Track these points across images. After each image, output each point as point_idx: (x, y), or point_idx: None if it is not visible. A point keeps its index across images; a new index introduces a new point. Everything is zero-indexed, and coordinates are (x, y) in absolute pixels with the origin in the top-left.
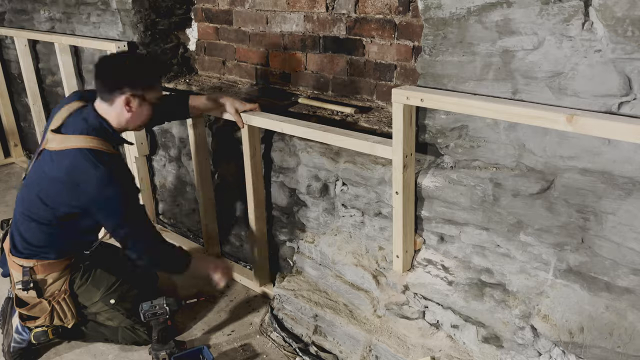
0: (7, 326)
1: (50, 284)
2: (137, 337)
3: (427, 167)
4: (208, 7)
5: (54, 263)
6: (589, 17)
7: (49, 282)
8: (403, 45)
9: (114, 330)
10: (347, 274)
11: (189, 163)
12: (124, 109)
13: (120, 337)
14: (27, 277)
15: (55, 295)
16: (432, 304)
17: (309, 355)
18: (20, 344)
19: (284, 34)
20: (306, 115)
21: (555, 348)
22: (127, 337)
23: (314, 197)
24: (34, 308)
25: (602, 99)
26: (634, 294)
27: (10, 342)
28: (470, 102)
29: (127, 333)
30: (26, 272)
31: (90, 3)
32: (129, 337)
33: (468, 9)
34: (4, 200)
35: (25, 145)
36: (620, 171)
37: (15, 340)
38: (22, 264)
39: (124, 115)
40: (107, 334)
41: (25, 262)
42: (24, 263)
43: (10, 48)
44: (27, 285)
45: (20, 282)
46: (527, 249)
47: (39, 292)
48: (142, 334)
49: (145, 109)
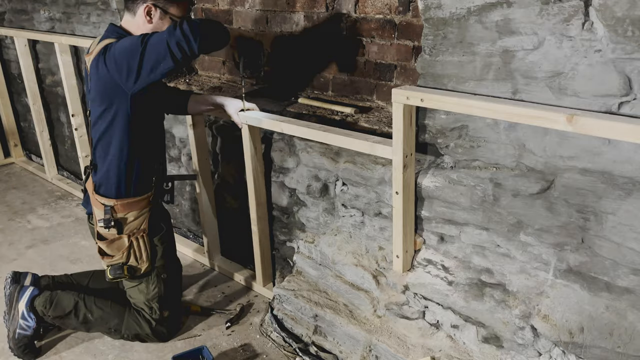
0: (14, 311)
1: (130, 221)
2: (141, 329)
3: (427, 167)
4: (208, 7)
5: (133, 202)
6: (589, 17)
7: (129, 219)
8: (403, 45)
9: (120, 318)
10: (347, 274)
11: (189, 163)
12: (145, 18)
13: (124, 327)
14: (109, 215)
15: (134, 232)
16: (432, 304)
17: (309, 355)
18: (26, 331)
19: (284, 34)
20: (306, 115)
21: (555, 348)
22: (131, 328)
23: (314, 197)
24: (113, 243)
25: (602, 99)
26: (634, 294)
27: (16, 329)
28: (470, 102)
29: (132, 324)
30: (107, 211)
31: (90, 3)
32: (132, 327)
33: (468, 9)
34: (4, 200)
35: (25, 145)
36: (620, 171)
37: (21, 326)
38: (104, 202)
39: (145, 26)
40: (112, 322)
41: (107, 201)
42: (106, 202)
43: (10, 48)
44: (108, 223)
45: (102, 219)
46: (527, 249)
47: (120, 229)
48: (146, 327)
49: (165, 24)
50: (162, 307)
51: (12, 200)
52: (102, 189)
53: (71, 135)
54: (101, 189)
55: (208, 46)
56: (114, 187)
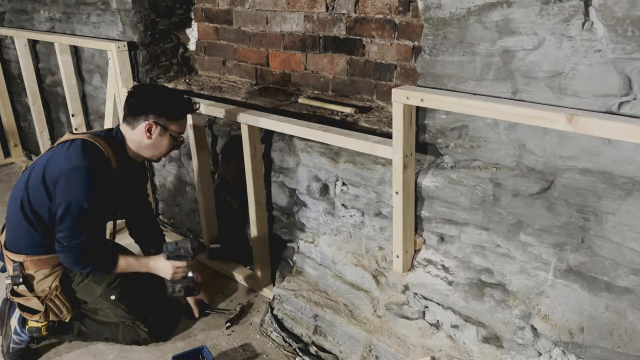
0: (6, 327)
1: (40, 279)
2: (137, 335)
3: (427, 167)
4: (208, 7)
5: (44, 259)
6: (589, 17)
7: (39, 278)
8: (403, 45)
9: (114, 330)
10: (347, 274)
11: (189, 163)
12: (144, 134)
13: (120, 335)
14: (17, 272)
15: (47, 293)
16: (432, 304)
17: (309, 355)
18: (19, 345)
19: (284, 34)
20: (306, 115)
21: (555, 348)
22: (127, 336)
23: (314, 197)
24: (29, 301)
25: (602, 99)
26: (634, 294)
27: (10, 344)
28: (470, 102)
29: (127, 331)
30: (16, 267)
31: (90, 3)
32: (129, 336)
33: (468, 9)
34: (4, 200)
35: (25, 145)
36: (620, 171)
37: (14, 341)
38: (13, 258)
39: (143, 141)
40: (107, 333)
41: (16, 257)
42: (15, 258)
43: (10, 48)
44: (16, 280)
45: (10, 277)
46: (527, 249)
47: (29, 287)
48: (142, 332)
49: (165, 140)
50: (140, 315)
51: None
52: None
53: None
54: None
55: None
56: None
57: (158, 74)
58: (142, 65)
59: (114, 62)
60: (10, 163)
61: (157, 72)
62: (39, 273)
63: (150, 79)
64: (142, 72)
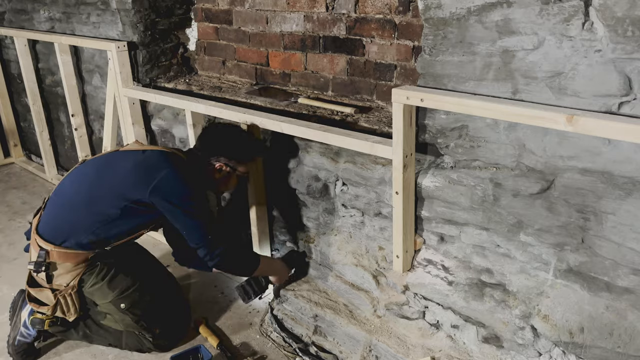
0: (16, 318)
1: (61, 273)
2: (141, 344)
3: (427, 167)
4: (208, 7)
5: (71, 253)
6: (589, 17)
7: (60, 271)
8: (403, 45)
9: (118, 336)
10: (347, 274)
11: None
12: (214, 173)
13: (124, 342)
14: (42, 259)
15: (62, 290)
16: (432, 304)
17: (309, 356)
18: (26, 339)
19: (283, 34)
20: (306, 115)
21: (555, 348)
22: (131, 343)
23: (314, 197)
24: (41, 293)
25: (602, 99)
26: (634, 294)
27: (17, 335)
28: (470, 102)
29: (131, 339)
30: (41, 255)
31: (90, 3)
32: (132, 343)
33: (468, 9)
34: (4, 200)
35: (25, 145)
36: (620, 171)
37: (22, 334)
38: (42, 245)
39: (209, 179)
40: (110, 339)
41: (45, 244)
42: (43, 245)
43: (10, 48)
44: (39, 267)
45: (34, 262)
46: (527, 249)
47: (49, 277)
48: (146, 341)
49: (232, 180)
50: (149, 327)
51: (12, 200)
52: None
53: (71, 135)
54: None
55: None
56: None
57: (158, 74)
58: (142, 65)
59: (114, 62)
60: (10, 163)
61: (157, 72)
62: (62, 266)
63: (150, 79)
64: (142, 72)
